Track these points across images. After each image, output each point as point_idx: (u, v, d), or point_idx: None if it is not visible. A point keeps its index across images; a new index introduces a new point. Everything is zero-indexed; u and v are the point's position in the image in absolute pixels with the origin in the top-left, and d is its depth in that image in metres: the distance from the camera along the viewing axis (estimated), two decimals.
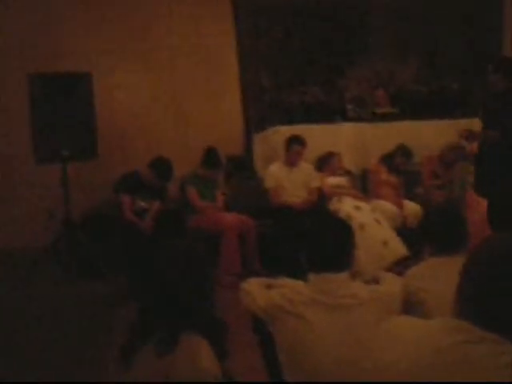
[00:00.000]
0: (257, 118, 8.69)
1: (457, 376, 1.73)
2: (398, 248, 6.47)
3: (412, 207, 7.28)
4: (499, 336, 1.73)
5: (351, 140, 8.05)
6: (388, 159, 7.60)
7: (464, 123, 8.13)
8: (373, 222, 6.59)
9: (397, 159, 7.58)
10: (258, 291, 2.90)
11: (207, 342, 2.18)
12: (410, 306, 2.93)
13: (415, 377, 1.78)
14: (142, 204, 6.64)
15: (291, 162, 7.23)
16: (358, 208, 6.77)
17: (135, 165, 6.93)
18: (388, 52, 9.24)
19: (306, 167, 7.35)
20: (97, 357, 4.36)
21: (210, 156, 7.00)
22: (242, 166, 8.11)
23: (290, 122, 8.11)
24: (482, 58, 9.18)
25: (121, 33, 8.23)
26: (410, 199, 7.48)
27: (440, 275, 2.82)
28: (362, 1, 9.14)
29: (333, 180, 7.35)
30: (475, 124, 7.99)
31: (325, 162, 7.51)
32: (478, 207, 5.56)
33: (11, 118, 7.68)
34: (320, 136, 7.82)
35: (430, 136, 8.13)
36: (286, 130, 7.64)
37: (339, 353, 2.54)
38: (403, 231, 6.88)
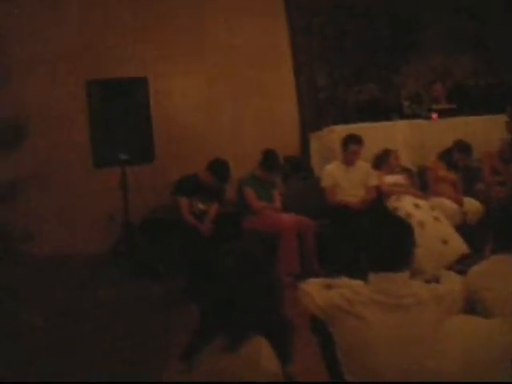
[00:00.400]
0: (312, 118, 8.67)
1: None
2: (459, 246, 6.38)
3: (472, 204, 7.17)
4: None
5: (408, 137, 7.97)
6: (446, 156, 7.51)
7: None
8: (432, 219, 6.51)
9: (455, 155, 7.47)
10: (316, 291, 2.89)
11: (270, 343, 2.18)
12: (472, 304, 2.88)
13: (478, 375, 1.76)
14: (201, 206, 6.67)
15: (348, 161, 7.19)
16: (417, 206, 6.70)
17: (192, 168, 6.96)
18: (443, 47, 9.12)
19: (363, 166, 7.30)
20: (153, 357, 4.42)
21: (269, 158, 6.99)
22: (299, 167, 8.11)
23: (346, 120, 8.06)
24: None
25: (175, 36, 8.31)
26: (470, 196, 7.36)
27: (503, 273, 2.77)
28: None
29: (391, 178, 7.29)
30: None
31: (382, 160, 7.45)
32: None
33: (70, 124, 7.80)
34: (376, 134, 7.76)
35: (488, 131, 8.00)
36: (341, 129, 7.61)
37: (400, 352, 2.51)
38: (464, 228, 6.79)
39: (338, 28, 8.89)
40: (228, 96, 8.56)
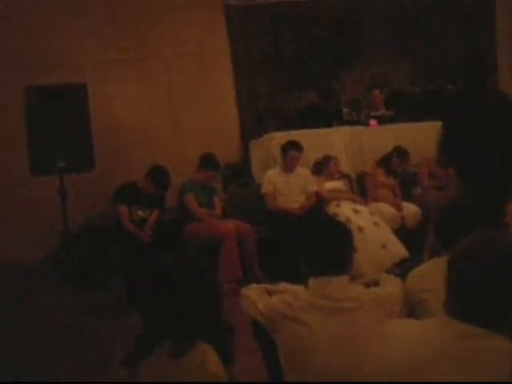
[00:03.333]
0: (253, 125, 8.70)
1: (455, 373, 1.75)
2: (398, 250, 6.48)
3: (410, 209, 7.29)
4: (487, 330, 1.77)
5: (347, 143, 8.05)
6: (385, 161, 7.62)
7: None
8: (371, 224, 6.60)
9: (393, 161, 7.59)
10: (258, 297, 2.91)
11: (214, 347, 2.18)
12: (414, 306, 2.93)
13: (414, 377, 1.80)
14: (140, 214, 6.63)
15: (288, 167, 7.23)
16: (356, 211, 6.78)
17: (133, 175, 6.93)
18: (383, 55, 9.25)
19: (302, 172, 7.35)
20: (100, 363, 4.38)
21: (207, 159, 7.00)
22: (240, 173, 8.11)
23: (287, 127, 8.10)
24: (475, 58, 9.22)
25: (115, 43, 8.24)
26: (409, 201, 7.49)
27: (442, 274, 2.81)
28: (355, 4, 9.15)
29: (330, 184, 7.36)
30: None
31: (322, 167, 7.52)
32: None
33: (7, 130, 7.68)
34: (316, 141, 7.83)
35: (425, 137, 8.13)
36: (282, 136, 7.65)
37: (340, 356, 2.54)
38: (402, 233, 6.89)
39: (278, 35, 8.94)
40: (168, 103, 8.53)
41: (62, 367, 4.56)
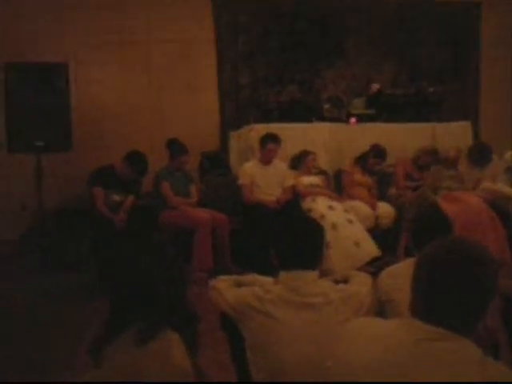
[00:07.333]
0: (233, 115, 8.69)
1: (417, 374, 1.77)
2: (370, 248, 6.51)
3: (385, 208, 7.32)
4: (451, 332, 1.80)
5: (326, 140, 8.06)
6: (362, 160, 7.65)
7: (439, 127, 8.24)
8: (345, 222, 6.62)
9: (370, 160, 7.62)
10: (227, 289, 2.91)
11: (179, 335, 2.18)
12: (384, 305, 2.95)
13: (376, 376, 1.82)
14: (115, 198, 6.59)
15: (266, 160, 7.23)
16: (331, 208, 6.80)
17: (110, 158, 6.89)
18: (367, 55, 9.29)
19: (280, 166, 7.35)
20: (69, 349, 4.36)
21: (173, 144, 7.00)
22: (218, 163, 8.10)
23: (267, 120, 8.10)
24: (458, 62, 9.30)
25: (98, 24, 8.21)
26: (384, 200, 7.52)
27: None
28: (342, 3, 9.17)
29: (307, 179, 7.36)
30: (450, 128, 8.11)
31: (299, 161, 7.52)
32: None
33: None
34: (295, 135, 7.83)
35: (405, 138, 8.19)
36: (261, 128, 7.63)
37: (305, 351, 2.56)
38: (376, 232, 6.93)
39: (263, 28, 8.94)
40: (148, 88, 8.50)
41: (28, 350, 4.54)
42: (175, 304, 2.28)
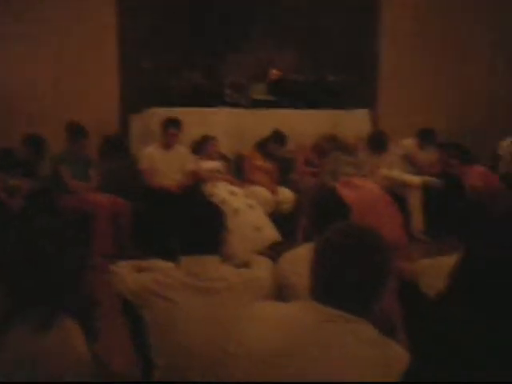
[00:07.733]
0: (135, 100, 8.58)
1: (317, 355, 1.82)
2: (271, 233, 6.58)
3: (285, 193, 7.42)
4: (350, 314, 1.85)
5: (228, 125, 8.09)
6: (263, 145, 7.71)
7: (339, 114, 8.40)
8: (246, 207, 6.66)
9: (271, 145, 7.69)
10: (127, 274, 2.89)
11: (78, 322, 2.16)
12: (283, 289, 2.99)
13: (277, 358, 1.85)
14: (11, 182, 6.41)
15: (167, 144, 7.21)
16: (232, 193, 6.83)
17: (10, 141, 6.70)
18: (268, 40, 9.32)
19: (181, 150, 7.34)
20: None
21: (71, 128, 6.89)
22: (118, 147, 7.98)
23: (169, 104, 8.05)
24: (358, 49, 9.48)
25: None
26: (285, 185, 7.61)
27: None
28: None
29: (208, 164, 7.37)
30: (350, 115, 8.28)
31: (200, 146, 7.52)
32: None
33: None
34: (197, 120, 7.83)
35: (306, 125, 8.30)
36: (163, 112, 7.60)
37: (206, 336, 2.57)
38: (276, 216, 7.01)
39: (167, 12, 8.85)
40: (49, 73, 8.30)
41: None
42: (73, 289, 2.24)
